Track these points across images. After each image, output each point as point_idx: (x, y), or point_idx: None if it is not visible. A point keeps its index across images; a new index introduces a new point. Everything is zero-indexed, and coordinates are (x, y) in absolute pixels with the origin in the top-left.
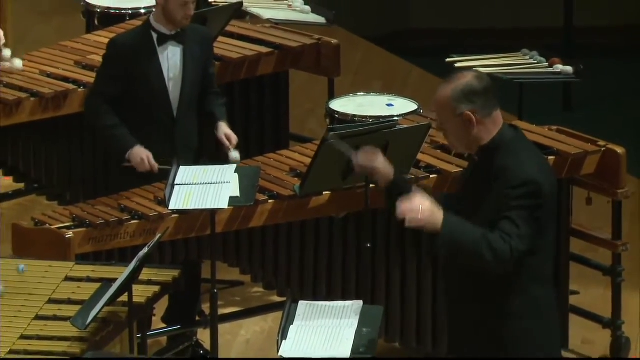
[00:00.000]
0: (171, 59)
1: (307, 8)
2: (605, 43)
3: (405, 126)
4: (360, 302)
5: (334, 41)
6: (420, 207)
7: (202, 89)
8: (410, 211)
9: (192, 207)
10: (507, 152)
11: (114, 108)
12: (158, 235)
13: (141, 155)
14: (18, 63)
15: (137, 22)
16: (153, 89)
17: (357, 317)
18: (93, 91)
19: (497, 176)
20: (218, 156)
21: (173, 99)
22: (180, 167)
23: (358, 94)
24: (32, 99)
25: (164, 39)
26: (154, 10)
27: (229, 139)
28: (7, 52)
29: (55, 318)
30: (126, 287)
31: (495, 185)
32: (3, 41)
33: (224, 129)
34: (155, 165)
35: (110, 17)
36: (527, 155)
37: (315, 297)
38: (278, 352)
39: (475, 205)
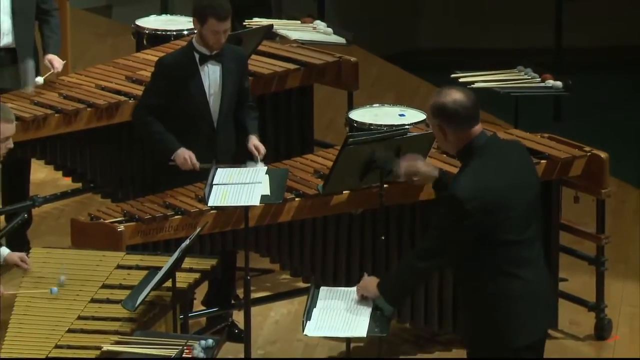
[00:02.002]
0: (211, 75)
1: (330, 30)
2: (590, 61)
3: (415, 133)
4: None
5: (352, 59)
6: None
7: (238, 102)
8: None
9: (228, 204)
10: (466, 160)
11: (162, 119)
12: (198, 229)
13: (184, 156)
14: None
15: (181, 42)
16: (196, 102)
17: (372, 301)
18: (140, 104)
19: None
20: (252, 159)
21: (213, 111)
22: (218, 169)
23: (374, 105)
24: (88, 109)
25: (204, 59)
26: (195, 32)
27: (257, 149)
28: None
29: (108, 301)
30: (170, 274)
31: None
32: (58, 70)
33: (253, 141)
34: (197, 164)
35: (157, 38)
36: (475, 166)
37: (336, 283)
38: (303, 331)
39: None
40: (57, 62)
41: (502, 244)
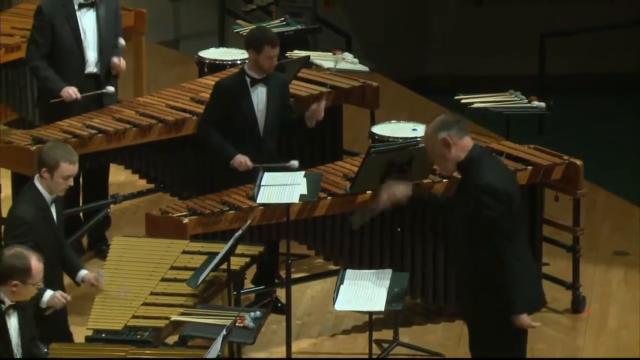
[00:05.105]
0: (259, 96)
1: (356, 60)
2: (568, 86)
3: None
4: (390, 270)
5: (374, 84)
6: None
7: (283, 115)
8: None
9: (273, 202)
10: (475, 166)
11: (220, 131)
12: (248, 222)
13: (240, 160)
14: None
15: (235, 69)
16: (246, 118)
17: (389, 280)
18: (202, 119)
19: (470, 184)
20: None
21: (260, 125)
22: (265, 173)
23: (392, 121)
24: (159, 124)
25: (254, 82)
26: (247, 61)
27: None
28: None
29: (175, 280)
30: (226, 258)
31: (468, 190)
32: (123, 68)
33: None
34: (251, 164)
35: (216, 66)
36: (489, 167)
37: (361, 266)
38: (334, 305)
39: (458, 207)
40: (123, 64)
41: (511, 234)
